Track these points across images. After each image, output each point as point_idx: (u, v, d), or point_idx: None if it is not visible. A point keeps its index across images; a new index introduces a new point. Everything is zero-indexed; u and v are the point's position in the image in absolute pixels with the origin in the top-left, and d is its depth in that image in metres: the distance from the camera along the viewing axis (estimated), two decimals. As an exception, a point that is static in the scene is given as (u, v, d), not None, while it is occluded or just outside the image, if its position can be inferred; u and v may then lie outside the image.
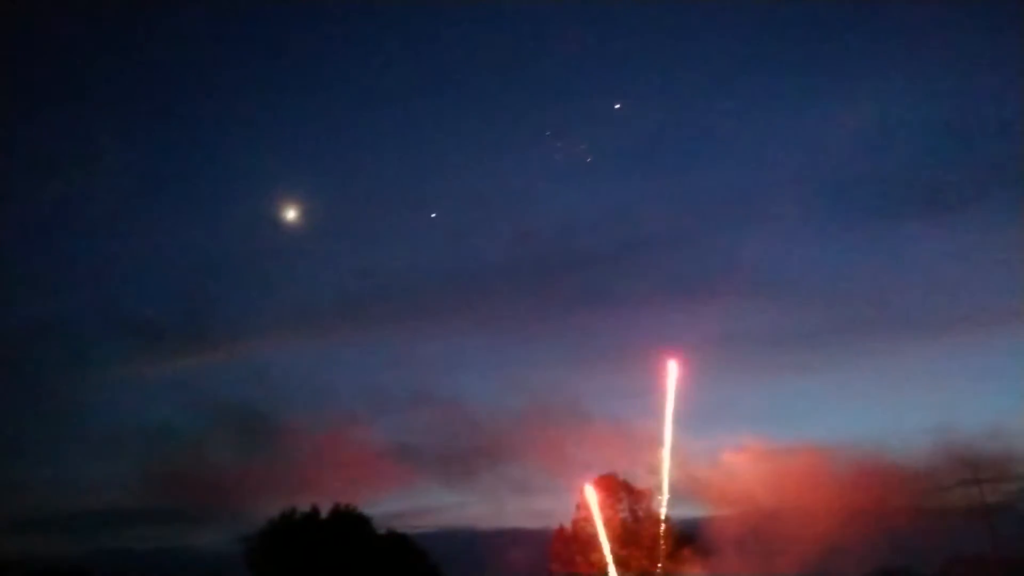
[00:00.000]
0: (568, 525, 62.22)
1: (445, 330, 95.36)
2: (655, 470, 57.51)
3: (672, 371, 51.92)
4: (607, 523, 60.01)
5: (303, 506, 59.01)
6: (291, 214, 73.24)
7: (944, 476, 66.75)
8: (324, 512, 58.99)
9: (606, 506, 61.20)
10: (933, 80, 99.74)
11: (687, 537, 60.44)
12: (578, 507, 61.79)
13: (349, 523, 58.48)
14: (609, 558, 56.79)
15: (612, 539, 58.58)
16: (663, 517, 59.96)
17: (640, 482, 61.72)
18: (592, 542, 59.96)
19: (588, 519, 60.89)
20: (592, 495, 57.77)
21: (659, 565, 58.51)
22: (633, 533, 59.45)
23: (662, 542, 58.24)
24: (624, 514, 61.10)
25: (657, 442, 53.10)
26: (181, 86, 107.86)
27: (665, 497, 56.07)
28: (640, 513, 61.00)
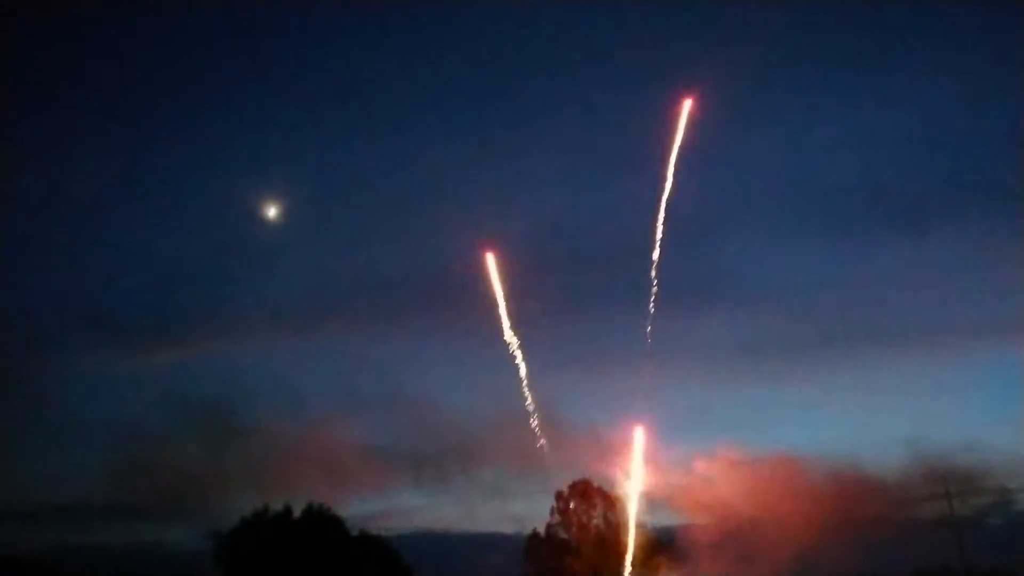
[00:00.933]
0: (542, 530, 62.14)
1: (416, 331, 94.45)
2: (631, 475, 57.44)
3: (685, 110, 45.05)
4: (582, 529, 60.04)
5: (276, 505, 58.34)
6: (264, 212, 72.28)
7: (915, 488, 67.59)
8: (297, 511, 58.31)
9: (581, 512, 61.26)
10: (918, 95, 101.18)
11: (662, 544, 60.50)
12: (552, 512, 61.78)
13: (322, 523, 57.81)
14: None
15: (587, 545, 58.63)
16: (636, 520, 60.09)
17: (615, 488, 61.80)
18: (566, 547, 59.94)
19: (562, 524, 60.93)
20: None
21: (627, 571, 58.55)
22: (608, 539, 59.44)
23: (635, 548, 58.25)
24: (598, 520, 61.09)
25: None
26: (156, 83, 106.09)
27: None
28: (614, 519, 60.98)
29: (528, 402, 54.17)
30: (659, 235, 48.32)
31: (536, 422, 54.26)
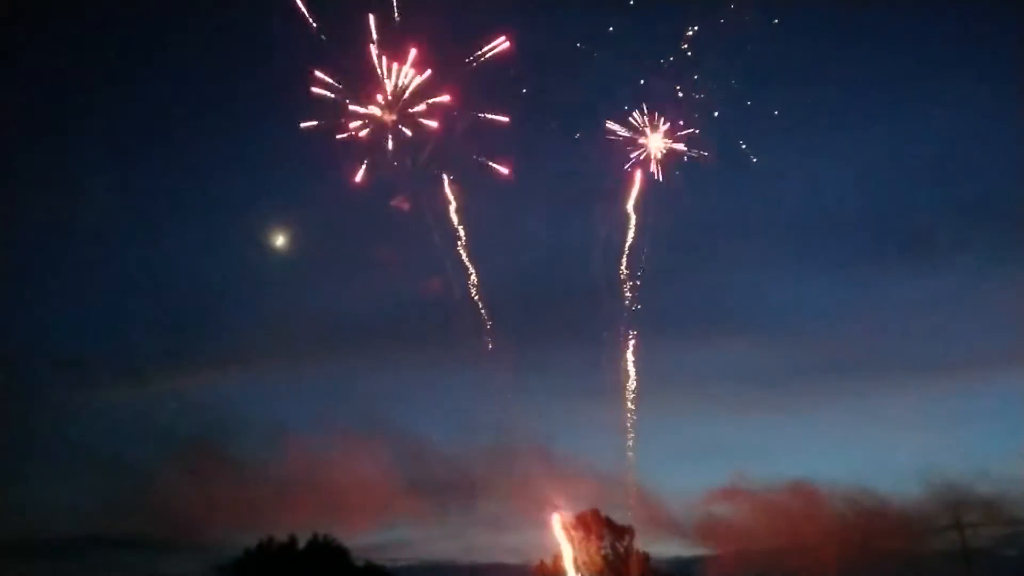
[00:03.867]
0: (549, 561, 61.44)
1: (401, 363, 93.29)
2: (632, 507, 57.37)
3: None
4: (589, 561, 59.34)
5: (280, 536, 58.09)
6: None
7: (928, 519, 66.74)
8: (302, 543, 58.06)
9: (588, 542, 60.57)
10: (921, 122, 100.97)
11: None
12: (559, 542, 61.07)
13: (327, 555, 57.53)
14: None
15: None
16: (640, 557, 59.58)
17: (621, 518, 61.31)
18: (573, 578, 59.23)
19: (568, 555, 60.20)
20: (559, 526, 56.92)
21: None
22: (616, 570, 58.78)
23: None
24: (606, 551, 60.39)
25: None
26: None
27: None
28: (621, 550, 60.33)
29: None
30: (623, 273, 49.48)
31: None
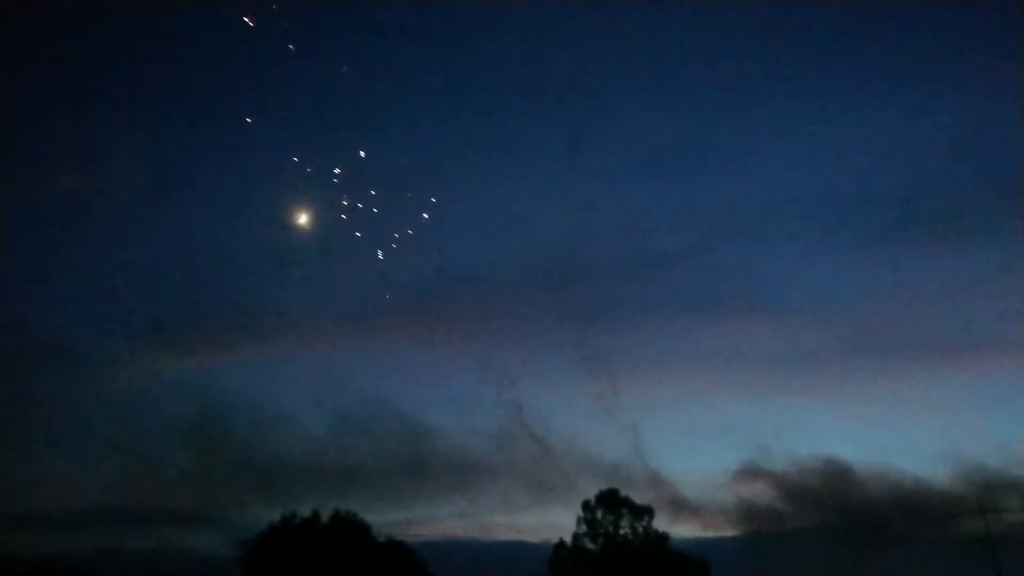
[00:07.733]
0: (568, 540, 61.64)
1: (402, 347, 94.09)
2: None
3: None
4: (609, 539, 59.47)
5: (304, 511, 58.72)
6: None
7: (953, 504, 66.39)
8: (324, 517, 58.64)
9: (607, 522, 60.65)
10: (948, 107, 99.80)
11: (694, 557, 59.79)
12: (579, 522, 61.27)
13: (349, 529, 58.00)
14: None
15: (614, 555, 58.03)
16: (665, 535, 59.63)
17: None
18: (593, 557, 59.40)
19: (589, 534, 60.41)
20: None
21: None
22: (636, 551, 58.80)
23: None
24: (626, 530, 60.37)
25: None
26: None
27: None
28: (640, 529, 60.33)
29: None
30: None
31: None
